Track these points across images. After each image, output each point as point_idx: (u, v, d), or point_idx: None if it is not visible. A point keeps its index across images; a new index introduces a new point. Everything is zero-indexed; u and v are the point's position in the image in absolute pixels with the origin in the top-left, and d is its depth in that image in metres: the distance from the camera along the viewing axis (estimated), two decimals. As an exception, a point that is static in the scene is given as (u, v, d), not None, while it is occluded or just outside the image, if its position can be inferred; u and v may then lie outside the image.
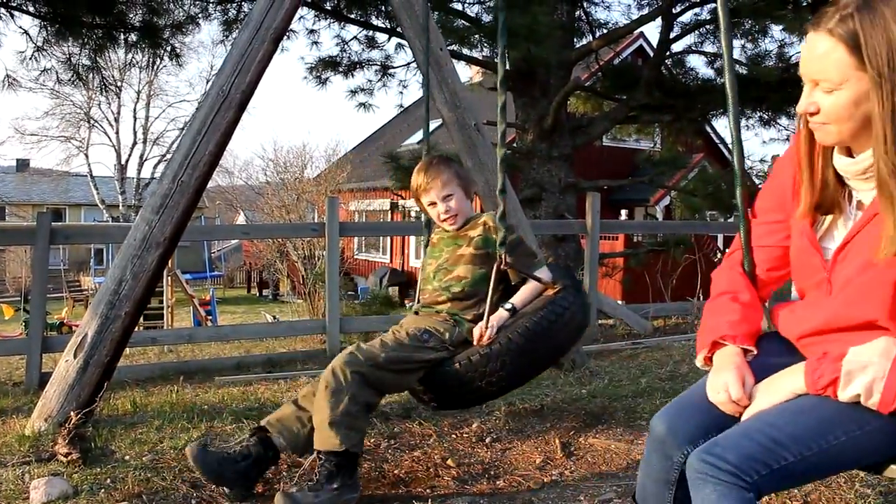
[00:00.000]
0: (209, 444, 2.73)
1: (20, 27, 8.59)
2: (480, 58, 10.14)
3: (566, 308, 2.71)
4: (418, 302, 3.00)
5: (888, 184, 1.44)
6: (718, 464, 1.45)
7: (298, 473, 2.83)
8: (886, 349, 1.46)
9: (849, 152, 1.57)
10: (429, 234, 3.17)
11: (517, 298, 2.75)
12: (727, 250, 1.94)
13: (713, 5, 10.40)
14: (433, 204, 2.87)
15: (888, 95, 1.39)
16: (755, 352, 1.71)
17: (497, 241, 2.67)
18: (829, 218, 1.65)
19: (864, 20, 1.40)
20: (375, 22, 10.48)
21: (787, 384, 1.58)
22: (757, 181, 11.80)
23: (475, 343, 2.66)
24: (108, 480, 2.78)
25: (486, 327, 2.63)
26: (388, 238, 22.64)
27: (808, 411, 1.51)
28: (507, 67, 10.01)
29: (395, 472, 2.99)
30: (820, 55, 1.46)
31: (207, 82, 32.41)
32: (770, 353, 1.70)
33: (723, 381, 1.63)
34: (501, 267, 2.62)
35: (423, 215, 3.24)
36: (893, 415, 1.45)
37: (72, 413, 3.32)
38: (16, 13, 8.33)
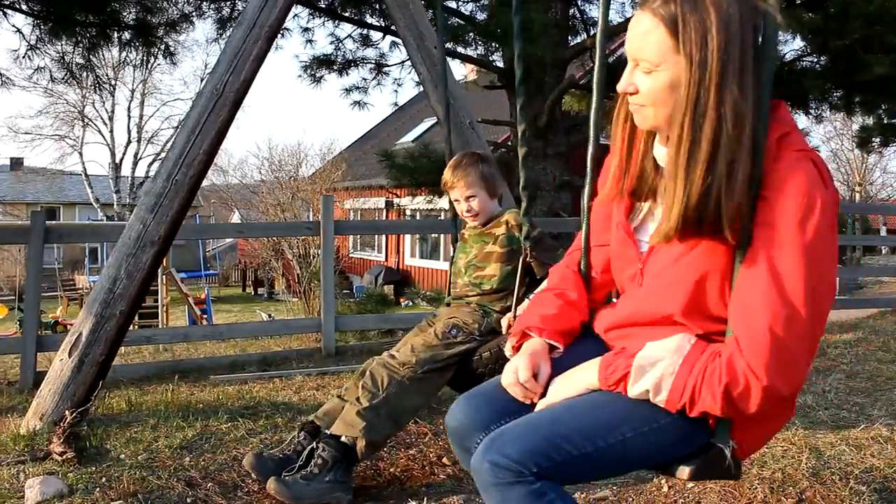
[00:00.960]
0: (263, 452, 2.78)
1: (13, 25, 8.57)
2: (475, 56, 10.13)
3: None
4: (449, 294, 3.10)
5: (674, 170, 1.39)
6: (499, 460, 1.42)
7: (276, 450, 2.83)
8: (679, 346, 1.43)
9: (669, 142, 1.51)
10: (456, 230, 3.22)
11: None
12: (570, 247, 1.91)
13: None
14: (457, 201, 2.96)
15: (694, 83, 1.35)
16: (560, 349, 1.69)
17: (521, 236, 2.74)
18: (644, 208, 1.61)
19: (685, 3, 1.36)
20: (370, 20, 10.47)
21: (581, 379, 1.56)
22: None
23: (504, 332, 2.72)
24: (104, 479, 2.78)
25: (514, 317, 2.67)
26: (384, 237, 22.61)
27: (598, 406, 1.50)
28: (500, 65, 10.03)
29: (391, 470, 2.99)
30: (641, 34, 1.42)
31: (201, 80, 32.42)
32: (581, 353, 1.65)
33: (514, 365, 1.64)
34: (527, 259, 2.68)
35: (447, 211, 3.34)
36: (683, 413, 1.42)
37: (67, 412, 3.32)
38: (9, 11, 8.31)
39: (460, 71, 16.30)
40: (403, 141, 21.33)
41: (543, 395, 1.61)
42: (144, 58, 10.17)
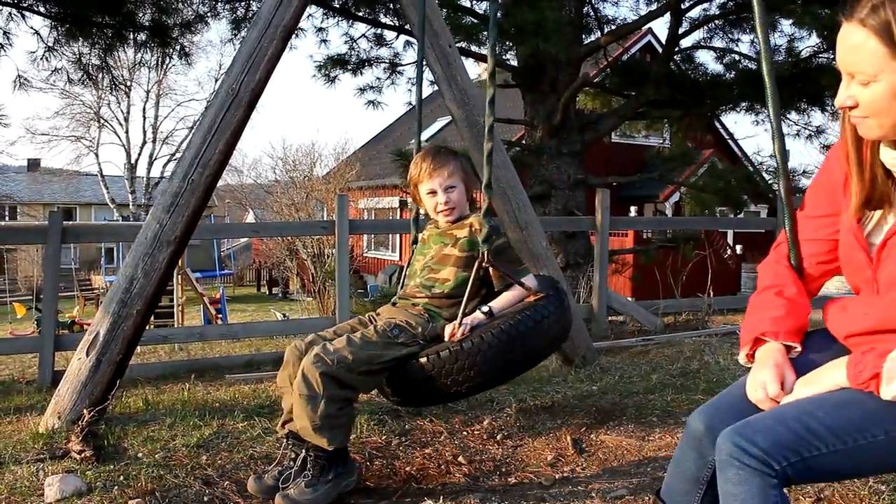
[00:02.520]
0: (262, 474, 2.72)
1: (31, 27, 8.65)
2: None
3: (545, 316, 2.62)
4: (398, 293, 2.94)
5: None
6: (747, 447, 1.41)
7: (272, 467, 2.82)
8: None
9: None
10: (416, 231, 3.11)
11: (496, 303, 2.68)
12: (776, 241, 1.88)
13: (721, 0, 10.37)
14: (433, 193, 2.78)
15: None
16: (799, 349, 1.66)
17: (481, 239, 2.60)
18: (875, 216, 1.58)
19: (895, 9, 1.35)
20: (384, 20, 10.49)
21: (829, 376, 1.51)
22: (767, 177, 11.75)
23: (446, 339, 2.59)
24: (122, 477, 2.80)
25: (460, 325, 2.57)
26: (398, 236, 22.65)
27: (848, 404, 1.45)
28: (516, 64, 10.02)
29: (407, 469, 2.99)
30: (853, 46, 1.41)
31: (216, 81, 32.62)
32: (816, 350, 1.65)
33: (761, 379, 1.59)
34: (483, 265, 2.56)
35: (413, 211, 3.17)
36: None
37: (85, 411, 3.34)
38: (27, 14, 8.38)
39: (474, 70, 16.29)
40: (417, 140, 21.31)
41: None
42: (160, 58, 10.24)
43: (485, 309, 2.64)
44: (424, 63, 3.78)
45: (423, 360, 2.56)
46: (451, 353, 2.52)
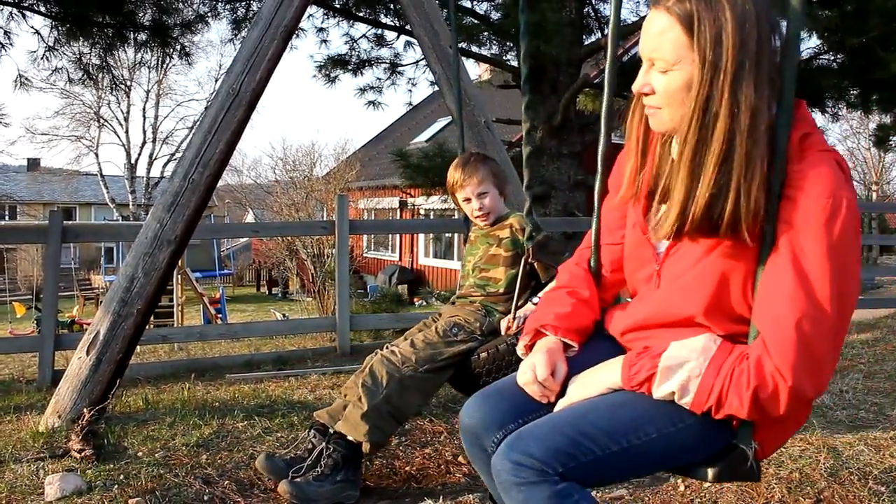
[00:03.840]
0: (274, 454, 2.80)
1: (32, 27, 8.64)
2: (489, 55, 10.13)
3: None
4: (457, 292, 3.08)
5: (681, 168, 1.39)
6: (522, 460, 1.40)
7: (286, 451, 2.84)
8: (705, 346, 1.41)
9: None
10: (467, 231, 3.20)
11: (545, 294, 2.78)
12: (579, 245, 1.89)
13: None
14: (468, 200, 2.91)
15: (706, 81, 1.33)
16: (576, 347, 1.68)
17: (524, 237, 2.74)
18: (662, 210, 1.54)
19: (701, 1, 1.34)
20: (384, 20, 10.49)
21: (602, 378, 1.53)
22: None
23: (503, 333, 2.72)
24: (122, 476, 2.80)
25: (514, 318, 2.68)
26: (398, 236, 22.64)
27: (621, 405, 1.47)
28: (515, 65, 10.02)
29: (407, 468, 3.00)
30: (656, 32, 1.39)
31: (216, 81, 32.64)
32: (595, 352, 1.64)
33: (531, 362, 1.61)
34: (529, 260, 2.67)
35: (458, 212, 3.29)
36: (707, 415, 1.40)
37: (85, 410, 3.34)
38: (27, 13, 8.38)
39: (474, 70, 16.30)
40: (417, 140, 21.34)
41: (561, 394, 1.58)
42: (160, 58, 10.24)
43: (535, 300, 2.74)
44: (425, 64, 3.78)
45: (483, 354, 2.70)
46: (508, 346, 2.65)
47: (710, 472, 1.50)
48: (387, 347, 2.81)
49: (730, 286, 1.43)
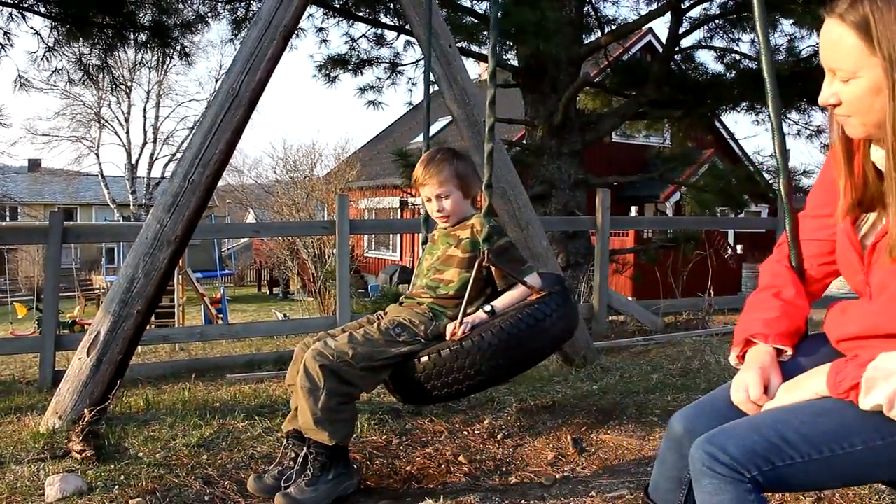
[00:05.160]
0: (263, 474, 2.72)
1: (32, 28, 8.65)
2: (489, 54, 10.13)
3: (548, 314, 2.62)
4: (406, 293, 2.96)
5: (891, 181, 1.37)
6: (717, 454, 1.39)
7: (272, 466, 2.82)
8: None
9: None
10: (426, 231, 3.12)
11: (499, 302, 2.69)
12: (778, 241, 1.86)
13: (722, 0, 10.36)
14: (429, 199, 2.81)
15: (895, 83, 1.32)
16: (790, 352, 1.63)
17: (481, 239, 2.61)
18: (871, 218, 1.54)
19: (874, 4, 1.33)
20: (384, 20, 10.49)
21: (810, 384, 1.49)
22: (767, 176, 11.74)
23: (447, 338, 2.60)
24: (122, 477, 2.80)
25: (460, 324, 2.58)
26: (398, 235, 22.66)
27: (826, 413, 1.42)
28: (516, 64, 10.02)
29: (407, 468, 3.00)
30: (834, 42, 1.39)
31: (216, 81, 32.62)
32: (807, 354, 1.62)
33: (744, 381, 1.57)
34: (484, 264, 2.56)
35: (422, 211, 3.20)
36: None
37: (85, 410, 3.34)
38: (27, 14, 8.38)
39: (474, 69, 16.30)
40: (418, 140, 21.34)
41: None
42: (160, 59, 10.24)
43: (487, 308, 2.65)
44: (425, 63, 3.78)
45: (425, 358, 2.57)
46: (452, 352, 2.53)
47: None
48: (320, 339, 2.69)
49: None
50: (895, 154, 1.35)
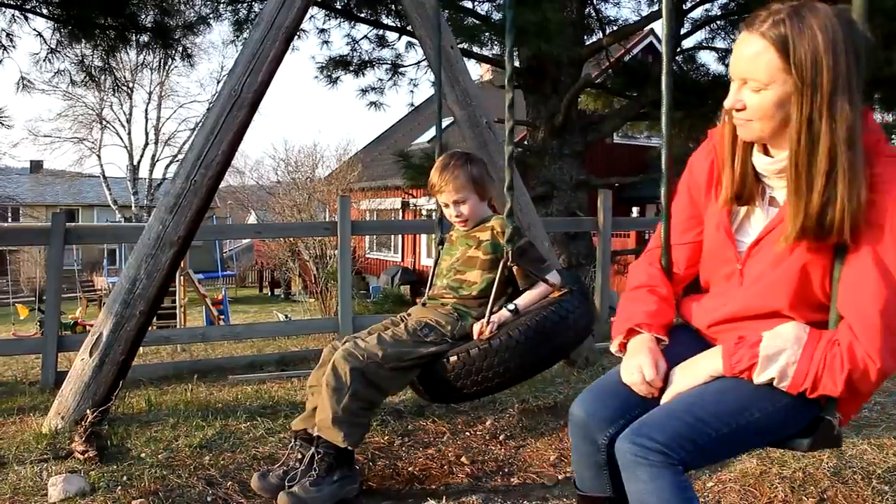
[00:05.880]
0: (267, 473, 2.74)
1: (34, 29, 8.66)
2: (490, 56, 10.13)
3: (570, 311, 2.67)
4: (427, 294, 3.00)
5: (795, 180, 1.55)
6: (647, 444, 1.55)
7: (277, 466, 2.82)
8: (798, 336, 1.59)
9: (766, 150, 1.68)
10: (442, 231, 3.16)
11: (521, 300, 2.72)
12: (647, 246, 2.04)
13: (723, 1, 10.36)
14: (446, 205, 2.85)
15: (807, 101, 1.49)
16: (667, 342, 1.82)
17: (504, 240, 2.63)
18: (742, 211, 1.75)
19: (794, 27, 1.49)
20: (386, 21, 10.50)
21: (704, 367, 1.70)
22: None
23: (475, 338, 2.64)
24: (125, 478, 2.81)
25: (487, 323, 2.62)
26: (400, 237, 22.65)
27: (727, 391, 1.64)
28: (518, 65, 10.02)
29: (410, 469, 3.00)
30: (751, 56, 1.54)
31: (218, 83, 32.63)
32: (680, 344, 1.82)
33: (636, 364, 1.75)
34: (508, 264, 2.59)
35: (435, 212, 3.22)
36: (800, 394, 1.59)
37: (88, 411, 3.34)
38: (30, 15, 8.39)
39: (476, 71, 16.30)
40: (419, 141, 21.37)
41: (663, 387, 1.73)
42: (162, 60, 10.24)
43: (511, 307, 2.69)
44: (426, 64, 3.78)
45: (454, 357, 2.62)
46: (481, 351, 2.59)
47: (805, 442, 1.69)
48: (349, 340, 2.72)
49: (810, 280, 1.62)
50: (797, 161, 1.54)
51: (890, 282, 1.50)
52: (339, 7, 10.35)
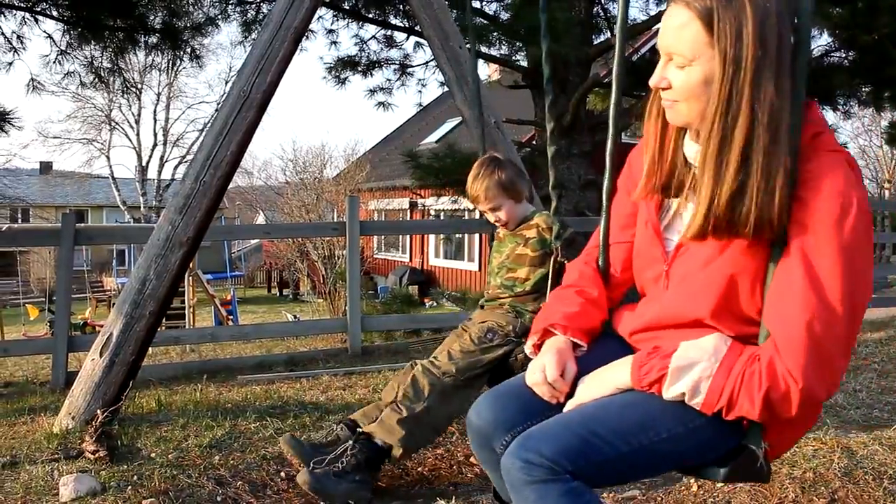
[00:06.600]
0: (301, 440, 2.82)
1: (44, 31, 8.70)
2: (499, 56, 10.12)
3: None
4: (485, 295, 3.07)
5: (704, 167, 1.38)
6: (533, 458, 1.39)
7: (323, 441, 2.84)
8: (716, 347, 1.40)
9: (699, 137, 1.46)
10: (493, 228, 3.20)
11: None
12: (587, 245, 1.90)
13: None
14: (485, 212, 2.94)
15: (727, 79, 1.32)
16: (585, 347, 1.66)
17: (552, 236, 2.73)
18: (674, 206, 1.57)
19: None
20: (394, 21, 10.49)
21: (611, 378, 1.52)
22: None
23: None
24: (135, 477, 2.82)
25: None
26: (408, 237, 22.65)
27: (631, 406, 1.46)
28: (527, 65, 10.01)
29: (419, 469, 3.00)
30: (675, 27, 1.38)
31: (226, 83, 32.75)
32: (604, 352, 1.63)
33: (541, 363, 1.60)
34: (558, 259, 2.64)
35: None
36: (717, 416, 1.39)
37: (98, 411, 3.36)
38: (40, 17, 8.43)
39: (484, 71, 16.28)
40: (427, 141, 21.35)
41: (570, 395, 1.57)
42: (170, 61, 10.27)
43: None
44: (434, 65, 3.78)
45: (521, 355, 2.71)
46: None
47: (721, 472, 1.48)
48: (427, 359, 2.82)
49: (738, 288, 1.43)
50: (710, 142, 1.36)
51: (818, 290, 1.30)
52: (348, 7, 10.35)
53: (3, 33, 8.55)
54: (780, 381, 1.31)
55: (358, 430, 2.73)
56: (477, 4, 10.05)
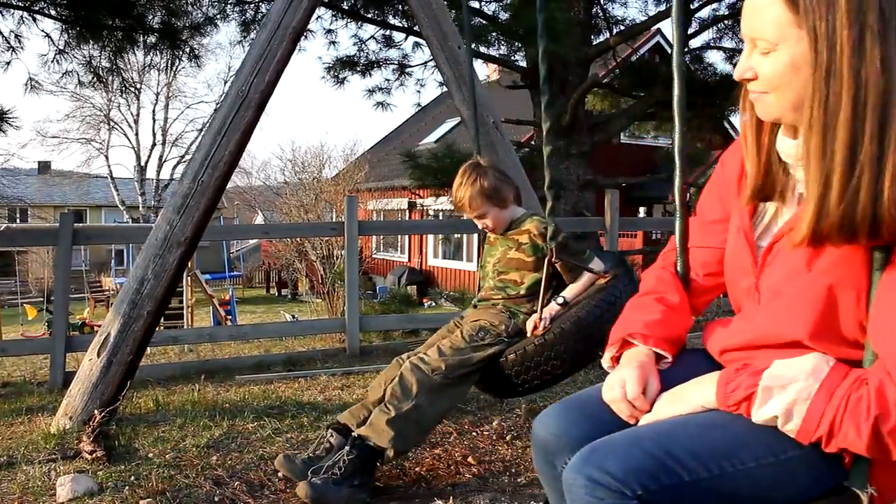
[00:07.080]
0: (291, 456, 2.80)
1: (42, 30, 8.68)
2: (497, 56, 10.13)
3: (618, 296, 2.71)
4: (477, 296, 3.07)
5: (810, 163, 1.18)
6: (599, 477, 1.22)
7: (307, 452, 2.83)
8: (816, 367, 1.19)
9: (796, 134, 1.27)
10: (485, 232, 3.21)
11: (569, 292, 2.80)
12: (664, 249, 1.72)
13: (731, 0, 10.34)
14: (472, 218, 2.94)
15: (822, 59, 1.13)
16: (669, 359, 1.50)
17: (548, 236, 2.73)
18: (770, 211, 1.38)
19: None
20: (393, 21, 10.50)
21: (695, 394, 1.34)
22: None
23: (529, 334, 2.71)
24: (133, 478, 2.81)
25: (541, 319, 2.68)
26: (407, 237, 22.66)
27: (714, 427, 1.27)
28: (525, 65, 10.02)
29: (417, 469, 3.00)
30: (756, 8, 1.20)
31: (225, 83, 32.72)
32: (688, 366, 1.46)
33: (621, 377, 1.41)
34: (552, 261, 2.66)
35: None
36: (816, 447, 1.18)
37: (96, 411, 3.36)
38: (38, 17, 8.42)
39: (483, 71, 16.31)
40: (426, 141, 21.36)
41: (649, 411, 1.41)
42: (169, 61, 10.26)
43: (560, 300, 2.76)
44: (433, 65, 3.78)
45: (511, 355, 2.71)
46: (537, 346, 2.66)
47: None
48: (415, 355, 2.80)
49: (839, 301, 1.23)
50: (812, 134, 1.17)
51: None
52: (346, 7, 10.36)
53: (1, 32, 8.55)
54: (893, 409, 1.10)
55: (352, 434, 2.71)
56: (476, 4, 10.06)
